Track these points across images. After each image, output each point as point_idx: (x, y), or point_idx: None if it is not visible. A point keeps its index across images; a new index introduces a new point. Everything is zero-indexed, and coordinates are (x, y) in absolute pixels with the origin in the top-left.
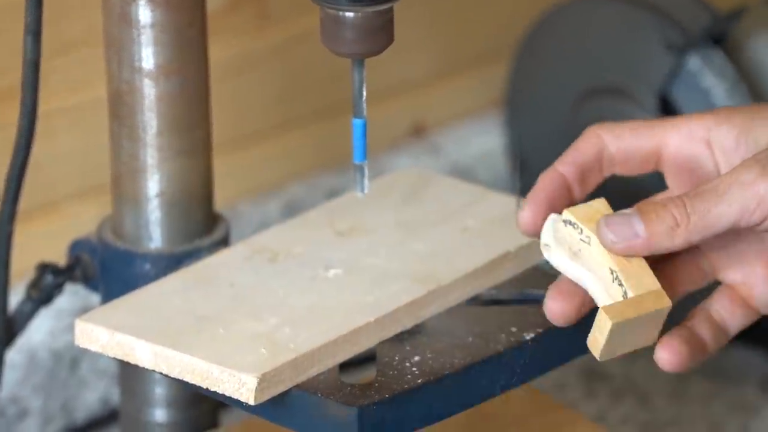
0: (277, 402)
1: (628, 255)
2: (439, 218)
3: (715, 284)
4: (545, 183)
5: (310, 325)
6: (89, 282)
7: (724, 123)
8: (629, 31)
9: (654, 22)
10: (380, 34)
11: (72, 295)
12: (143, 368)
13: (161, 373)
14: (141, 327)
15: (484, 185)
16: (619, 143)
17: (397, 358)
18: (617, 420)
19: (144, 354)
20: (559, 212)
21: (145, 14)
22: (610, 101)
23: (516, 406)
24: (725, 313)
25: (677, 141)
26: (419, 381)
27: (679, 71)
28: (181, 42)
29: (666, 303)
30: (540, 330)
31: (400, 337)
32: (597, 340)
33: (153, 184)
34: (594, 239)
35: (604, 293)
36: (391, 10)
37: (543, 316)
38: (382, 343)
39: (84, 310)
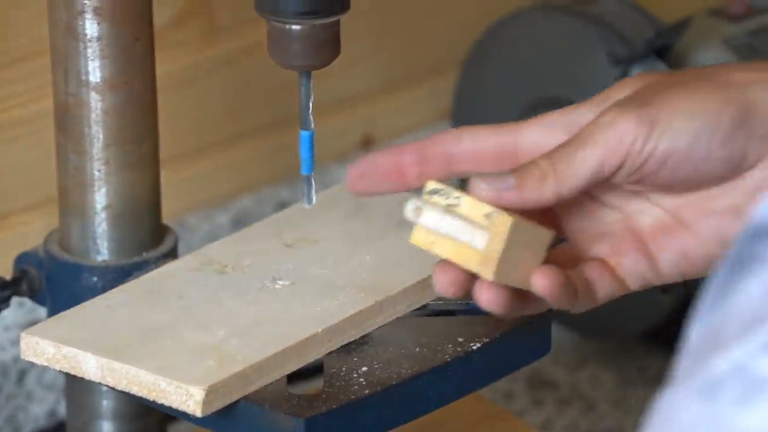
0: (225, 414)
1: (499, 206)
2: (386, 229)
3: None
4: (379, 155)
5: (258, 337)
6: (36, 295)
7: (583, 105)
8: (574, 43)
9: (598, 34)
10: (327, 46)
11: (18, 307)
12: (90, 381)
13: (108, 386)
14: (87, 340)
15: None
16: (475, 139)
17: (344, 369)
18: (563, 428)
19: (90, 367)
20: (384, 187)
21: (91, 28)
22: None
23: (463, 416)
24: (595, 276)
25: (536, 133)
26: (366, 392)
27: None
28: (127, 55)
29: (551, 231)
30: (486, 340)
31: (348, 348)
32: (493, 250)
33: (100, 197)
34: (464, 199)
35: (486, 239)
36: (337, 22)
37: (489, 326)
38: (330, 354)
39: (31, 323)
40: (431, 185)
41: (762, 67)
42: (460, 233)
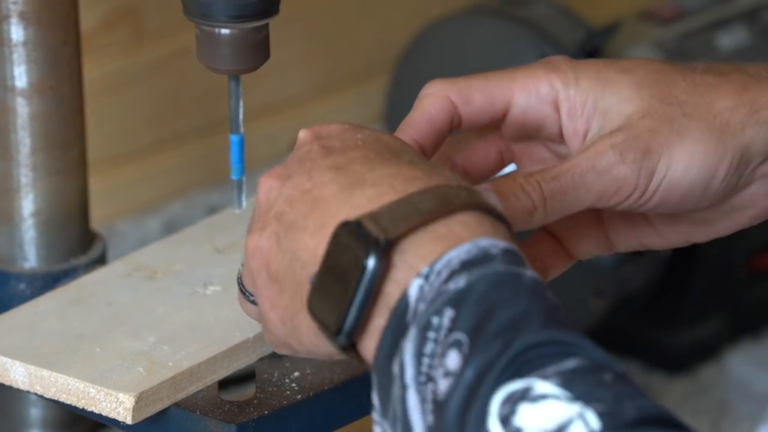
0: (156, 420)
1: None
2: None
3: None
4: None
5: (189, 343)
6: None
7: (572, 86)
8: (505, 46)
9: (529, 37)
10: (256, 50)
11: None
12: (18, 389)
13: (37, 394)
14: (15, 348)
15: None
16: (470, 108)
17: (276, 374)
18: None
19: (19, 375)
20: None
21: (17, 32)
22: None
23: None
24: (548, 257)
25: (524, 103)
26: (299, 397)
27: None
28: (54, 60)
29: None
30: None
31: (279, 354)
32: None
33: (27, 204)
34: None
35: None
36: (266, 26)
37: None
38: (261, 359)
39: None
40: None
41: (753, 102)
42: None
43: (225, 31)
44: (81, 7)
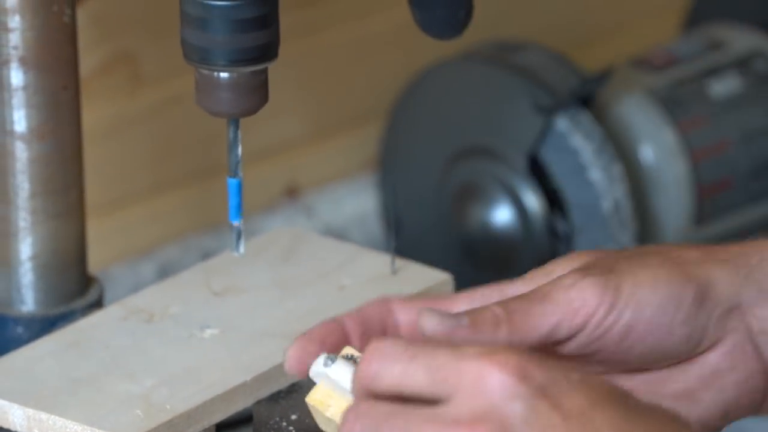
0: None
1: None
2: (314, 277)
3: None
4: (323, 328)
5: (187, 386)
6: None
7: (518, 281)
8: (499, 93)
9: (523, 84)
10: (255, 94)
11: None
12: None
13: None
14: (14, 391)
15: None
16: (410, 312)
17: (273, 417)
18: None
19: (17, 418)
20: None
21: (17, 77)
22: (481, 162)
23: None
24: None
25: (467, 307)
26: None
27: (548, 132)
28: (54, 104)
29: None
30: None
31: (277, 396)
32: None
33: (25, 248)
34: None
35: None
36: (265, 70)
37: None
38: (259, 402)
39: None
40: (348, 350)
41: (706, 248)
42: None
43: (224, 74)
44: (79, 51)
